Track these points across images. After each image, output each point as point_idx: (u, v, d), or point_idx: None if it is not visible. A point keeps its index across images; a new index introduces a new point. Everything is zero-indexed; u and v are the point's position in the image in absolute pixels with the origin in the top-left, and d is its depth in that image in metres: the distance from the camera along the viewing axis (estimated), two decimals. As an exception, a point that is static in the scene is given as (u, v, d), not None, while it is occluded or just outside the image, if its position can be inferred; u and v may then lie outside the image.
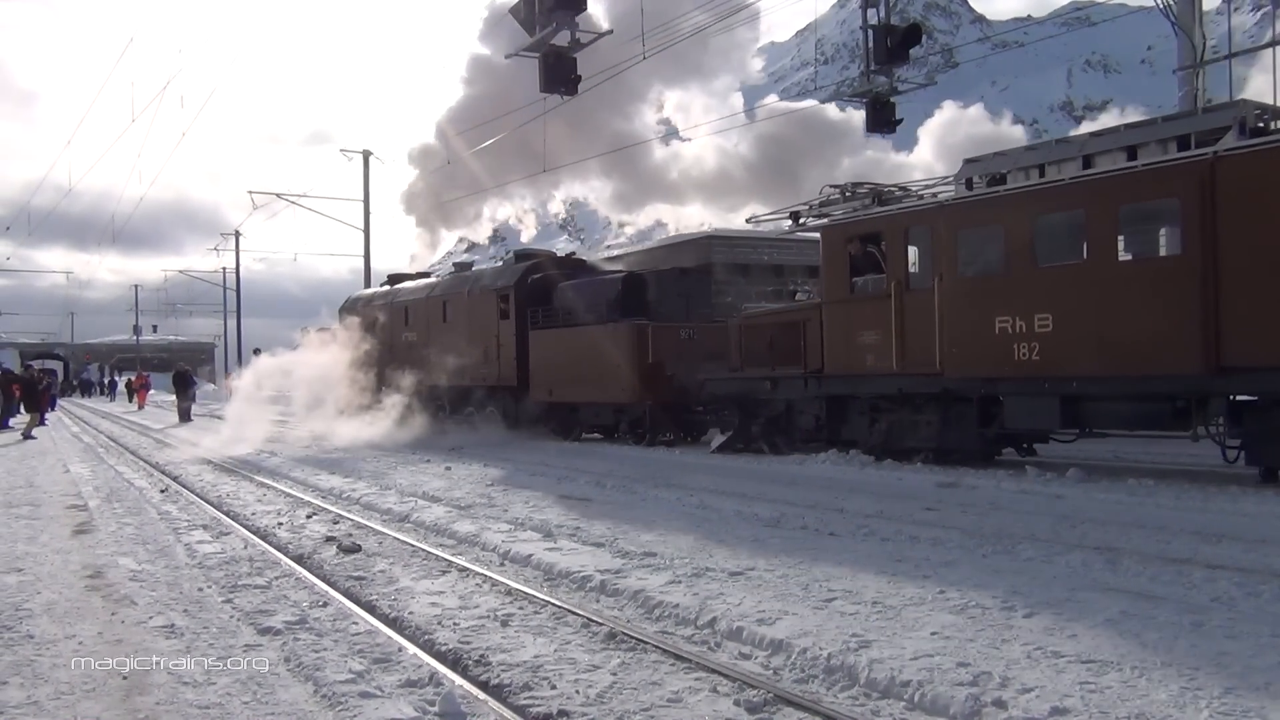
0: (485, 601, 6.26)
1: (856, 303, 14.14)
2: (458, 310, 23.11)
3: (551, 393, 19.89)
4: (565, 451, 17.57)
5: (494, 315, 21.56)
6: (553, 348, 19.80)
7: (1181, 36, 13.97)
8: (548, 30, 13.85)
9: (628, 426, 18.72)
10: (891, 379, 13.50)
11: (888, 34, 16.15)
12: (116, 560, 7.72)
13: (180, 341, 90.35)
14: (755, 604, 5.82)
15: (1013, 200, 12.11)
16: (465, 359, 22.05)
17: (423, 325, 24.24)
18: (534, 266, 21.70)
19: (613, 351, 18.17)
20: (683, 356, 17.83)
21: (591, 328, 18.82)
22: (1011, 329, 11.94)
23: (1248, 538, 7.65)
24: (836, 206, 14.66)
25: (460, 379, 22.34)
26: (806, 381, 14.87)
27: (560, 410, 20.14)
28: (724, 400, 16.74)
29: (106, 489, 12.80)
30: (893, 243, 13.60)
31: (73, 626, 5.72)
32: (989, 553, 7.32)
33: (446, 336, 22.99)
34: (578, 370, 19.00)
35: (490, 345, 21.59)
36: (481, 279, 23.09)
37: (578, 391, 19.31)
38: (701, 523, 9.04)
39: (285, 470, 14.76)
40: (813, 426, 14.96)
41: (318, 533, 9.02)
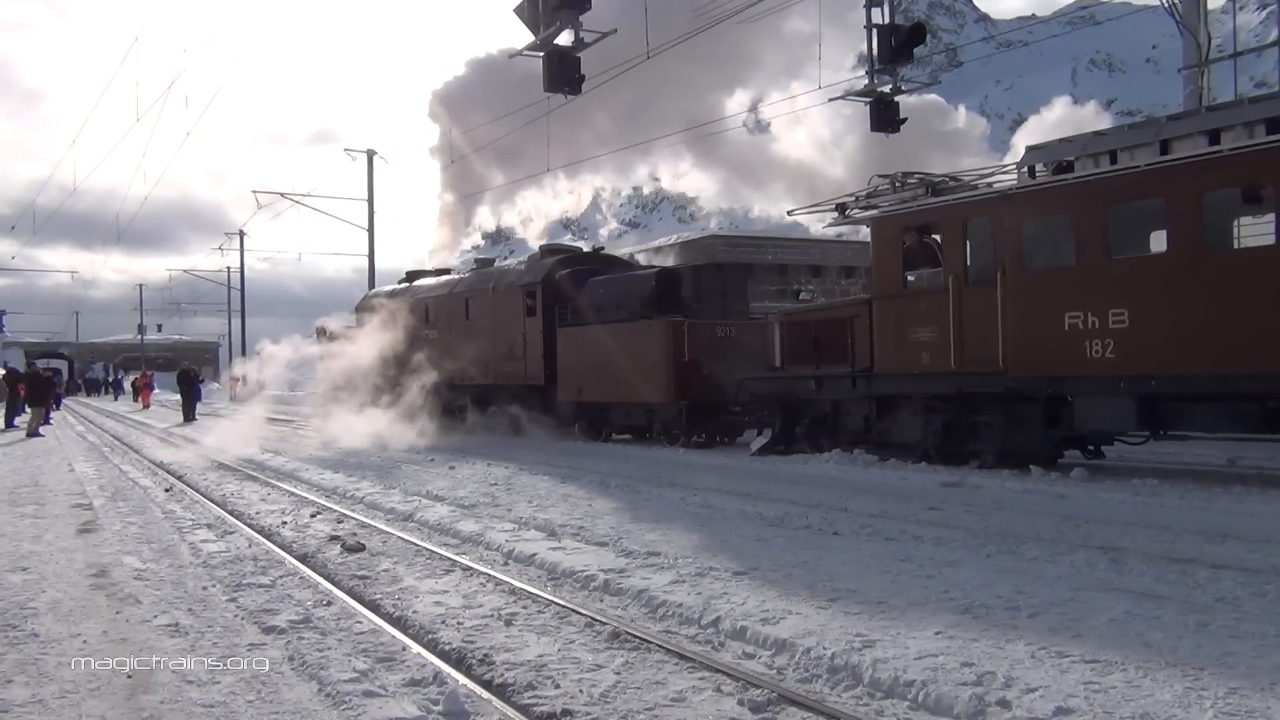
0: (489, 601, 6.26)
1: (910, 298, 13.49)
2: (481, 307, 22.54)
3: (581, 392, 19.30)
4: (570, 451, 17.52)
5: (519, 312, 21.03)
6: (582, 346, 19.20)
7: (1186, 35, 13.96)
8: (552, 30, 13.86)
9: (661, 427, 18.13)
10: (949, 378, 12.82)
11: (891, 33, 16.13)
12: (121, 559, 7.73)
13: (184, 341, 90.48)
14: (759, 603, 5.82)
15: (1084, 188, 11.39)
16: (489, 357, 21.62)
17: (444, 322, 23.73)
18: (561, 262, 21.12)
19: (646, 350, 17.65)
20: (719, 355, 17.26)
21: (624, 325, 18.24)
22: (1083, 325, 11.27)
23: (1253, 537, 7.64)
24: (885, 197, 14.03)
25: (484, 377, 21.91)
26: (854, 381, 14.22)
27: (589, 410, 19.53)
28: (765, 400, 16.18)
29: (111, 488, 12.82)
30: (950, 235, 12.93)
31: (77, 625, 5.73)
32: (993, 552, 7.31)
33: (469, 334, 22.49)
34: (608, 369, 18.37)
35: (516, 343, 21.07)
36: (506, 275, 22.53)
37: (608, 391, 18.71)
38: (705, 522, 9.04)
39: (289, 469, 14.78)
40: (861, 428, 14.33)
41: (322, 532, 9.03)
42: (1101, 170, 11.36)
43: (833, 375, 14.60)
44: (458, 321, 23.17)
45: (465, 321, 22.96)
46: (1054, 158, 12.13)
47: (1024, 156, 12.61)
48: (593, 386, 18.96)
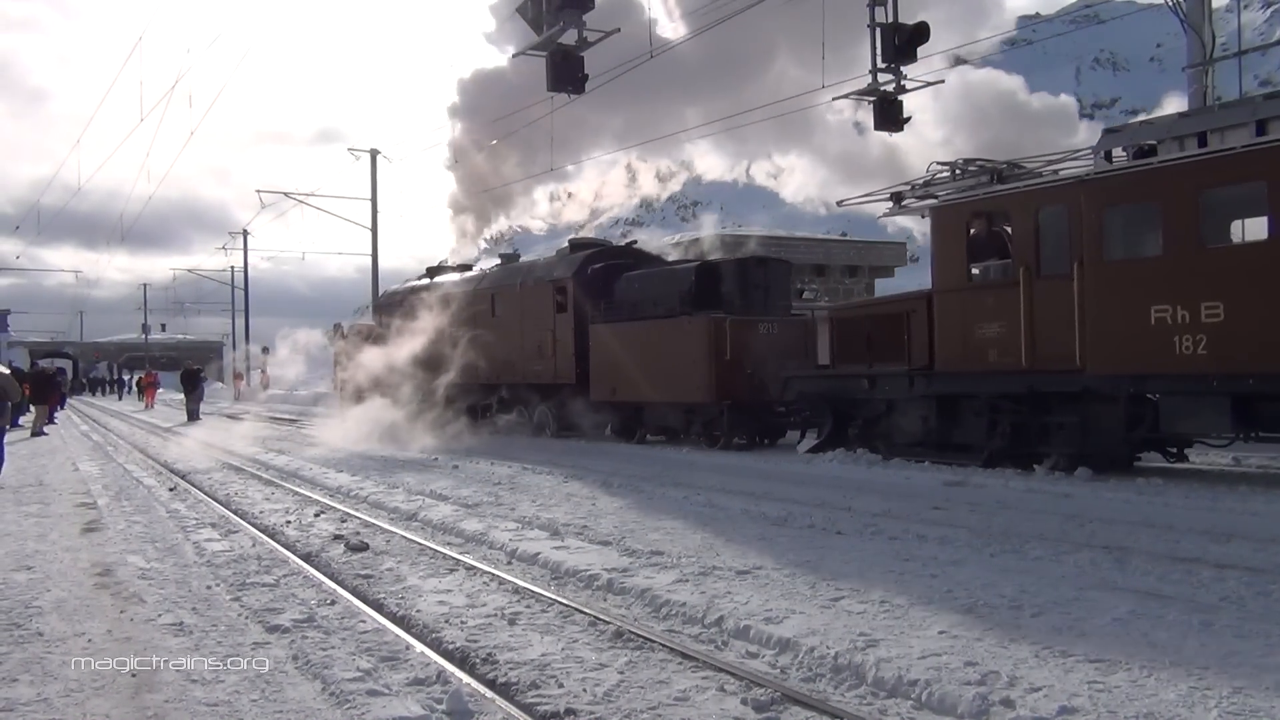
0: (493, 600, 6.27)
1: (975, 291, 12.72)
2: (508, 303, 21.71)
3: (615, 391, 18.46)
4: (570, 450, 17.53)
5: (549, 308, 20.19)
6: (616, 343, 18.38)
7: (1191, 34, 13.92)
8: (555, 29, 13.85)
9: (700, 428, 17.31)
10: (1019, 376, 12.05)
11: (895, 32, 16.08)
12: (125, 558, 7.74)
13: (188, 340, 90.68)
14: (762, 603, 5.82)
15: (1173, 173, 10.64)
16: (517, 355, 20.97)
17: (469, 320, 22.65)
18: (593, 256, 20.32)
19: (685, 347, 16.91)
20: (762, 353, 16.46)
21: (661, 322, 17.49)
22: (1171, 319, 10.49)
23: (1257, 537, 7.63)
24: (944, 186, 13.32)
25: (511, 376, 21.27)
26: (912, 379, 13.47)
27: (623, 410, 18.76)
28: (813, 400, 15.51)
29: (115, 487, 12.84)
30: (1021, 224, 12.15)
31: (82, 624, 5.74)
32: (997, 552, 7.31)
33: (496, 331, 21.68)
34: (644, 368, 17.61)
35: (545, 340, 20.27)
36: (534, 270, 21.71)
37: (643, 390, 17.85)
38: (709, 521, 9.04)
39: (293, 468, 14.79)
40: (918, 429, 13.56)
41: (325, 531, 9.04)
42: (1193, 153, 10.62)
43: (888, 374, 13.88)
44: (484, 318, 22.22)
45: (492, 318, 22.11)
46: (1134, 141, 11.44)
47: (1100, 140, 11.93)
48: (627, 386, 18.13)
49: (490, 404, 21.95)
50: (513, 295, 21.63)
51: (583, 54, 14.25)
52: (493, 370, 21.36)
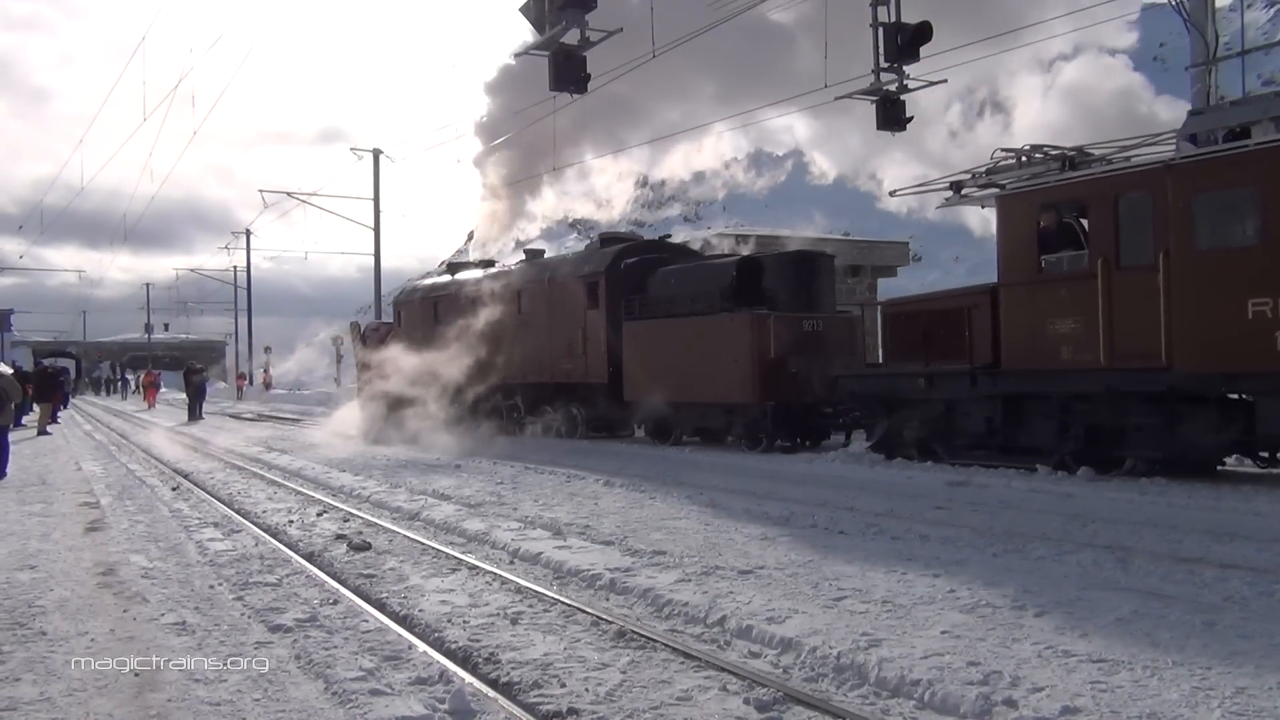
0: (495, 599, 6.27)
1: (1048, 285, 11.90)
2: (536, 300, 20.82)
3: (649, 392, 17.57)
4: (575, 451, 17.50)
5: (580, 305, 19.30)
6: (651, 341, 17.65)
7: (1194, 33, 13.88)
8: (558, 28, 13.85)
9: (742, 430, 16.50)
10: (1096, 375, 11.26)
11: (898, 31, 16.06)
12: (128, 557, 7.75)
13: (191, 340, 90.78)
14: (765, 602, 5.82)
15: (1274, 155, 9.97)
16: (545, 353, 20.16)
17: (494, 317, 21.72)
18: (626, 250, 19.41)
19: (726, 345, 16.15)
20: (806, 352, 15.79)
21: (700, 319, 16.73)
22: (1272, 313, 9.78)
23: (1260, 537, 7.62)
24: (1008, 174, 12.70)
25: (539, 375, 20.50)
26: (974, 378, 12.69)
27: (658, 411, 17.84)
28: (865, 401, 14.71)
29: (118, 486, 12.86)
30: (1099, 212, 11.39)
31: (85, 623, 5.75)
32: (999, 551, 7.30)
33: (522, 329, 20.85)
34: (681, 367, 16.84)
35: (575, 338, 19.40)
36: (563, 265, 20.90)
37: (680, 390, 17.04)
38: (711, 521, 9.04)
39: (296, 468, 14.80)
40: (981, 431, 12.81)
41: (328, 530, 9.05)
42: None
43: (947, 373, 13.07)
44: (509, 315, 21.21)
45: (518, 315, 21.15)
46: (1224, 123, 10.84)
47: (1185, 123, 11.29)
48: (662, 385, 17.20)
49: (515, 404, 21.37)
50: (541, 291, 20.80)
51: (585, 54, 14.24)
52: (519, 369, 20.74)
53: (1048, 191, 12.12)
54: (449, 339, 22.15)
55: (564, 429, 19.96)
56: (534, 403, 20.78)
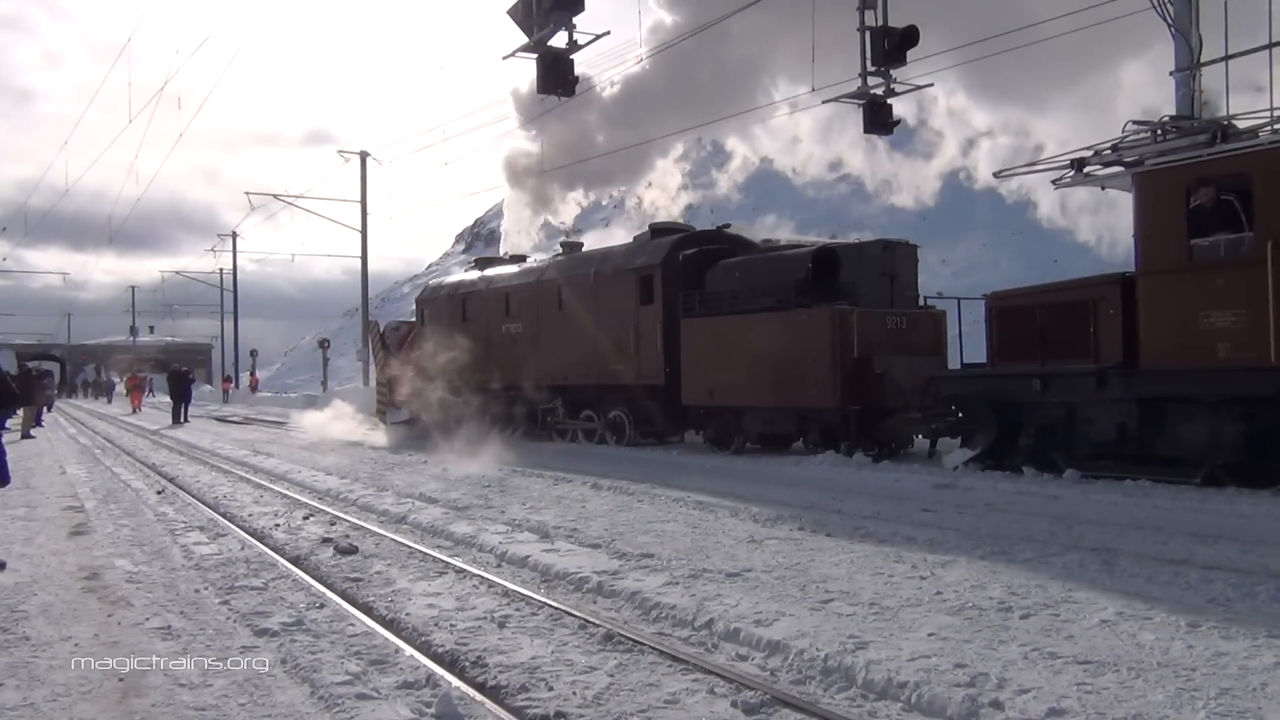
0: (482, 603, 6.25)
1: (1200, 273, 10.54)
2: (580, 295, 19.18)
3: (712, 394, 16.27)
4: (563, 453, 17.45)
5: (632, 300, 17.80)
6: (714, 339, 16.14)
7: (1178, 38, 13.97)
8: (545, 31, 13.86)
9: (819, 437, 14.96)
10: (1264, 375, 9.88)
11: (885, 36, 16.15)
12: (113, 562, 7.71)
13: (177, 343, 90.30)
14: (752, 605, 5.82)
15: None
16: (590, 353, 18.65)
17: (531, 314, 20.45)
18: (683, 241, 17.92)
19: (802, 344, 14.69)
20: (891, 350, 14.55)
21: (771, 314, 15.26)
22: None
23: (1244, 539, 7.67)
24: (1140, 149, 11.43)
25: (583, 377, 18.97)
26: (1102, 379, 11.33)
27: (720, 416, 16.52)
28: (967, 405, 13.15)
29: (103, 490, 12.78)
30: (1268, 189, 10.03)
31: (69, 628, 5.71)
32: (986, 554, 7.32)
33: (564, 327, 19.43)
34: (748, 367, 15.46)
35: (625, 336, 17.85)
36: (612, 258, 19.13)
37: (747, 393, 15.68)
38: (698, 524, 9.04)
39: (283, 471, 14.75)
40: (1111, 439, 11.41)
41: (314, 534, 9.01)
42: None
43: (1069, 373, 11.71)
44: (549, 313, 19.88)
45: (558, 313, 19.67)
46: None
47: None
48: (726, 388, 15.93)
49: (554, 407, 19.93)
50: (585, 287, 19.13)
51: (573, 56, 14.25)
52: (559, 370, 19.40)
53: (1201, 166, 10.68)
54: (479, 338, 21.10)
55: (610, 434, 18.58)
56: (576, 406, 19.50)
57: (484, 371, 20.66)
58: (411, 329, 24.37)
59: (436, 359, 21.25)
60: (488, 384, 20.55)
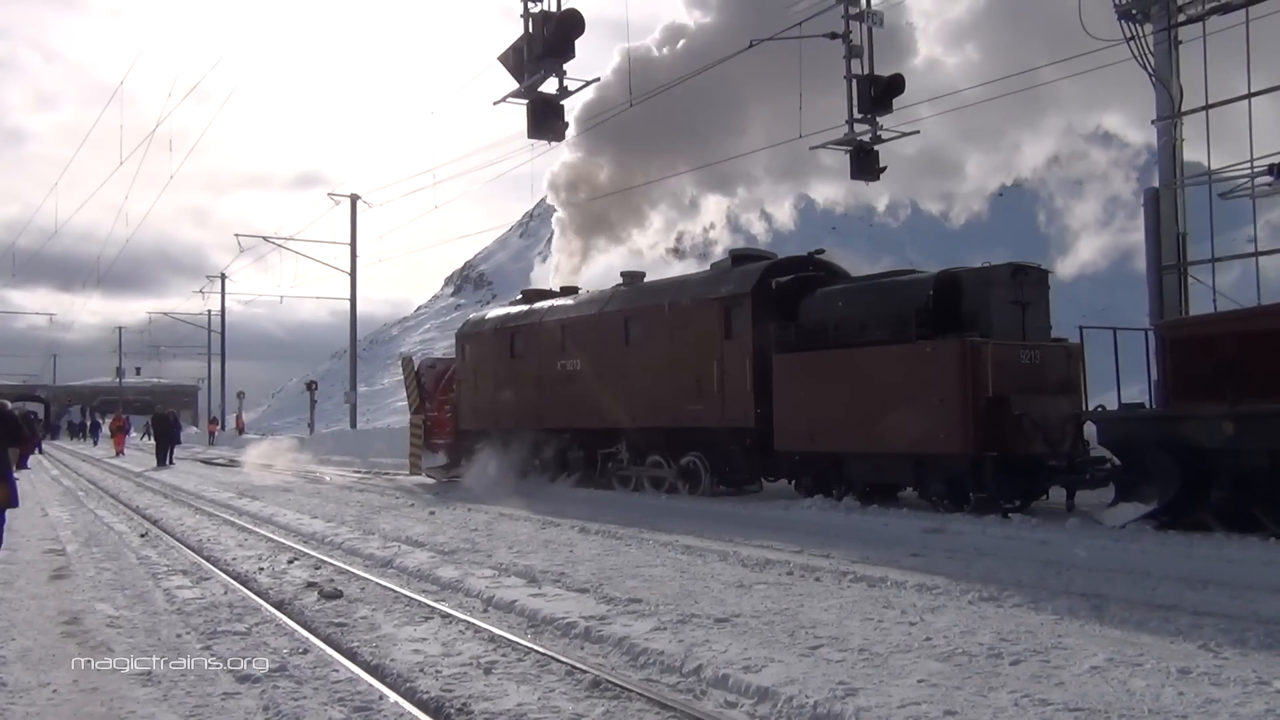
0: (468, 648, 6.19)
1: None
2: (651, 328, 17.36)
3: (813, 439, 14.31)
4: (552, 496, 17.30)
5: (714, 333, 15.99)
6: (814, 377, 14.35)
7: (1159, 88, 14.22)
8: (536, 77, 14.00)
9: (943, 487, 12.94)
10: None
11: (871, 83, 16.40)
12: (94, 606, 7.61)
13: (163, 384, 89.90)
14: (741, 651, 5.78)
15: None
16: (662, 393, 16.74)
17: (591, 349, 18.48)
18: (773, 268, 16.15)
19: (925, 381, 12.88)
20: (1026, 389, 12.76)
21: (886, 349, 13.45)
22: None
23: (1233, 584, 7.66)
24: None
25: (653, 418, 17.00)
26: None
27: (820, 463, 14.45)
28: (1133, 451, 11.36)
29: (85, 533, 12.64)
30: None
31: (47, 674, 5.62)
32: (975, 599, 7.29)
33: (630, 363, 17.55)
34: (855, 408, 13.68)
35: (706, 373, 15.95)
36: (689, 286, 17.31)
37: (851, 438, 13.81)
38: (686, 569, 8.99)
39: (268, 515, 14.62)
40: None
41: (299, 578, 8.92)
42: None
43: (1271, 414, 10.01)
44: (612, 348, 18.01)
45: (623, 348, 17.80)
46: None
47: None
48: (830, 431, 14.05)
49: (616, 452, 17.93)
50: (657, 319, 17.28)
51: (563, 102, 14.39)
52: (624, 411, 17.45)
53: None
54: (529, 376, 19.59)
55: (681, 483, 16.56)
56: (641, 451, 17.49)
57: (534, 412, 19.32)
58: (449, 367, 22.99)
59: (479, 399, 20.16)
60: (539, 426, 19.15)
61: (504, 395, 20.04)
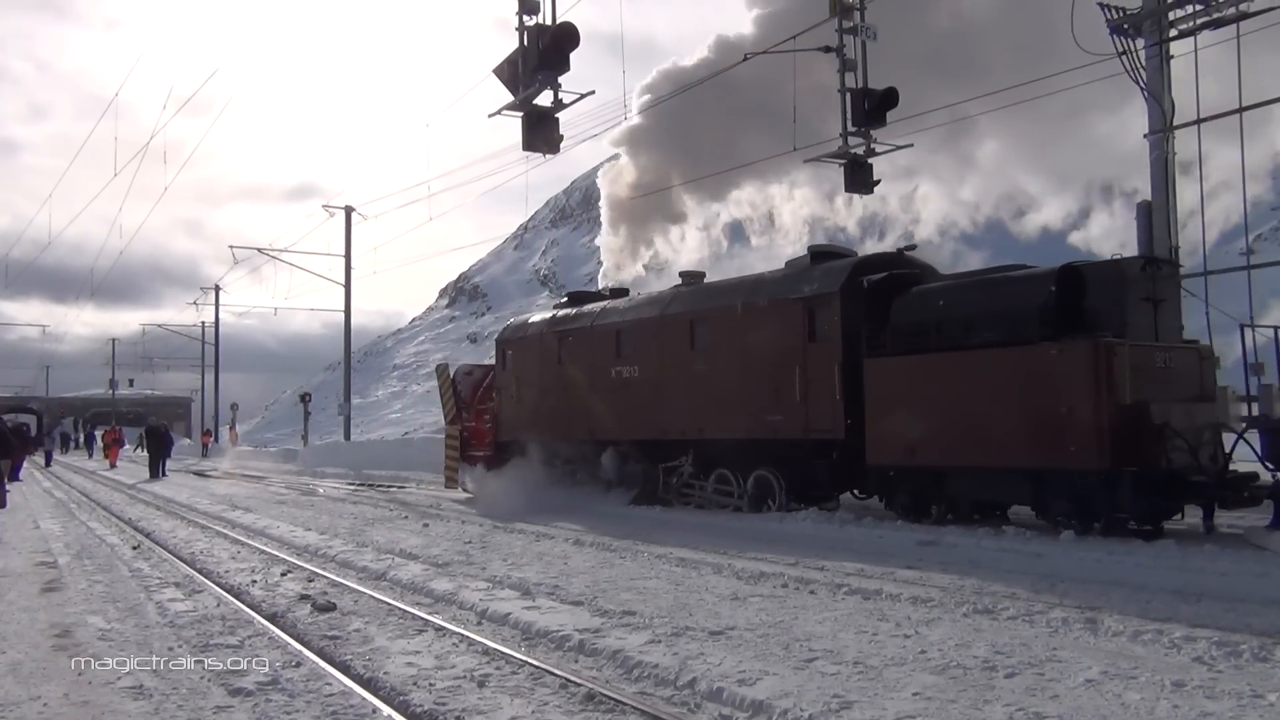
0: (462, 661, 6.17)
1: None
2: (722, 331, 15.98)
3: (913, 452, 12.83)
4: (546, 509, 17.14)
5: (796, 336, 14.58)
6: (915, 384, 12.95)
7: (1151, 102, 14.28)
8: (531, 90, 14.04)
9: (1070, 505, 11.39)
10: None
11: (865, 97, 16.47)
12: (85, 619, 7.57)
13: (157, 396, 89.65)
14: (735, 664, 5.76)
15: None
16: (735, 401, 15.40)
17: (650, 355, 17.10)
18: (862, 265, 14.73)
19: (1048, 387, 11.47)
20: (1162, 395, 11.42)
21: (1004, 351, 11.98)
22: None
23: (1227, 597, 7.66)
24: None
25: (725, 429, 15.66)
26: None
27: (918, 479, 12.96)
28: None
29: (77, 545, 12.59)
30: None
31: (38, 687, 5.59)
32: (970, 611, 7.29)
33: (697, 369, 16.17)
34: (965, 417, 12.22)
35: (786, 381, 14.55)
36: (765, 286, 15.83)
37: (963, 451, 12.28)
38: (681, 581, 8.98)
39: (261, 527, 14.57)
40: None
41: (292, 591, 8.89)
42: None
43: None
44: (674, 353, 16.67)
45: (688, 353, 16.45)
46: None
47: None
48: (933, 444, 12.58)
49: (678, 466, 16.53)
50: (729, 321, 15.93)
51: (558, 115, 14.43)
52: (690, 420, 16.20)
53: None
54: (579, 383, 18.31)
55: (750, 500, 15.20)
56: (706, 464, 16.17)
57: (585, 423, 18.05)
58: (487, 374, 21.79)
59: (522, 408, 19.10)
60: (590, 437, 17.95)
61: (550, 404, 18.83)
